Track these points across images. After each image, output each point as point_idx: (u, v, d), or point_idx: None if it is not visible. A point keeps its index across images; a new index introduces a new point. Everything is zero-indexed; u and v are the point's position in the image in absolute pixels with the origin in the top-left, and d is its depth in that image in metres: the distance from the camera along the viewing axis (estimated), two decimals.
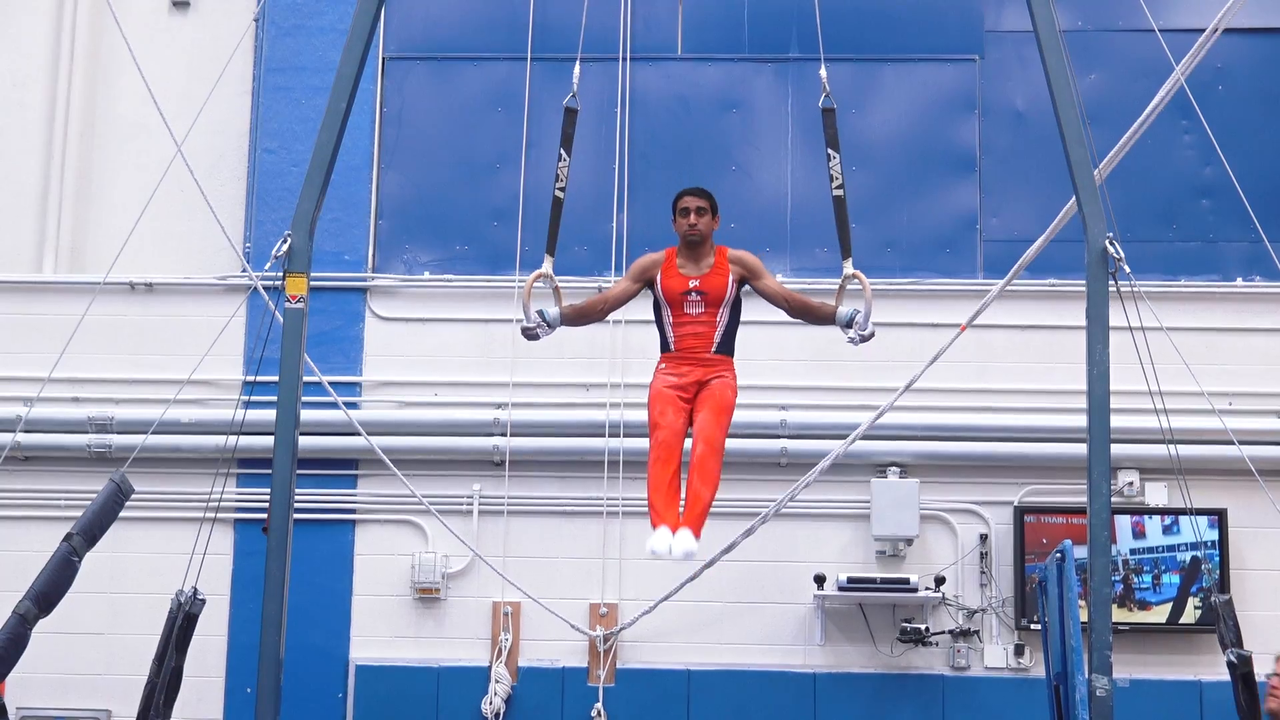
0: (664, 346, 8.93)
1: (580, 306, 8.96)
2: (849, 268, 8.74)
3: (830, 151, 8.81)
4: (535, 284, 8.72)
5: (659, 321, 8.92)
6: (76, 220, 13.29)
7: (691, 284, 8.77)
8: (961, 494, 12.56)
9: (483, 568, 12.43)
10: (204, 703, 12.21)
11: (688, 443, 8.80)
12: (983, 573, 12.42)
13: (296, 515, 8.61)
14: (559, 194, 8.81)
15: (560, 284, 8.96)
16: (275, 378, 8.55)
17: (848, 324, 8.66)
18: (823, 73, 8.82)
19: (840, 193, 8.76)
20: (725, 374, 8.87)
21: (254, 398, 9.45)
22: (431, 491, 12.33)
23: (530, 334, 8.70)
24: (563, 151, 8.86)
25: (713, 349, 8.84)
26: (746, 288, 8.94)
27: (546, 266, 8.74)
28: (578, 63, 8.83)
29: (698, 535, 8.49)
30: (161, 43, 13.35)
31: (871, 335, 8.65)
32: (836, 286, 8.85)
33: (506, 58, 13.22)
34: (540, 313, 8.65)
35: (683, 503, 8.60)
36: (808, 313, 8.95)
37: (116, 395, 12.79)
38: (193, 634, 8.32)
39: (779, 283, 8.99)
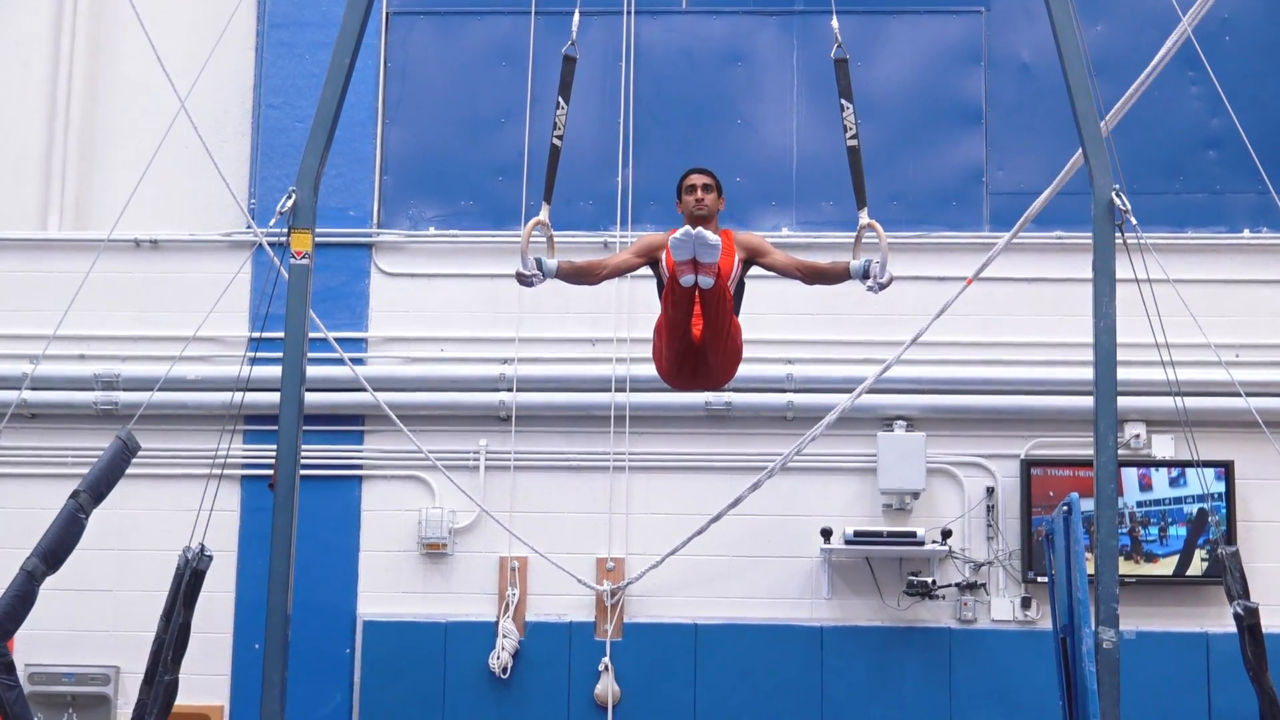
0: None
1: (579, 265, 8.83)
2: (865, 217, 8.64)
3: (844, 102, 8.72)
4: (533, 232, 8.62)
5: (662, 298, 8.82)
6: (81, 177, 13.28)
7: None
8: (968, 447, 12.56)
9: (489, 523, 12.45)
10: (212, 659, 12.25)
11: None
12: (989, 526, 12.43)
13: (303, 471, 8.62)
14: (556, 142, 8.74)
15: (565, 238, 8.96)
16: (281, 334, 8.55)
17: (864, 275, 8.57)
18: (835, 24, 8.75)
19: (855, 143, 8.70)
20: (733, 334, 8.81)
21: (260, 354, 9.45)
22: (438, 447, 12.34)
23: (525, 280, 8.55)
24: (561, 99, 8.78)
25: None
26: (753, 270, 8.86)
27: (543, 214, 8.66)
28: (576, 11, 8.78)
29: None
30: None
31: (890, 282, 8.54)
32: (841, 240, 8.88)
33: (510, 11, 13.17)
34: (538, 261, 8.56)
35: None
36: (821, 276, 8.81)
37: (122, 352, 12.81)
38: (200, 590, 8.32)
39: (786, 254, 8.88)
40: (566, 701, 12.38)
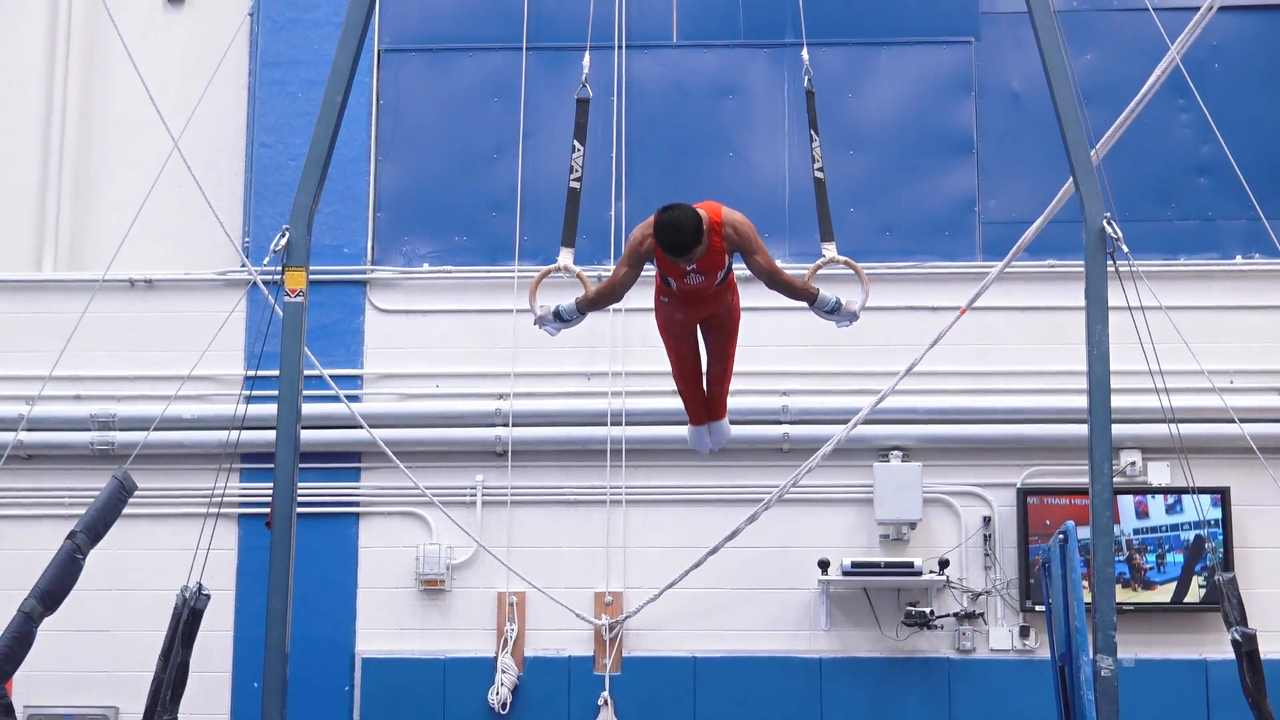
0: (665, 283, 8.83)
1: (591, 297, 8.86)
2: (831, 251, 8.85)
3: (812, 133, 8.88)
4: (549, 277, 8.80)
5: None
6: (75, 217, 13.30)
7: (688, 267, 8.53)
8: (964, 476, 12.57)
9: (487, 558, 12.44)
10: (210, 698, 12.22)
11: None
12: (986, 555, 12.43)
13: (300, 509, 8.62)
14: (575, 185, 8.83)
15: (559, 273, 9.01)
16: (276, 372, 8.56)
17: (830, 310, 8.74)
18: (805, 55, 8.85)
19: (821, 175, 8.81)
20: (729, 299, 8.95)
21: (255, 392, 9.44)
22: (435, 483, 12.33)
23: (545, 328, 8.87)
24: (576, 143, 8.87)
25: (712, 289, 8.79)
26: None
27: (565, 258, 8.78)
28: (587, 52, 8.86)
29: (725, 417, 9.62)
30: (157, 38, 13.35)
31: (856, 319, 8.81)
32: (834, 272, 8.93)
33: (502, 48, 13.20)
34: (557, 311, 8.72)
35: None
36: (788, 289, 8.78)
37: (118, 392, 12.81)
38: (198, 629, 8.33)
39: (769, 259, 8.72)
40: None
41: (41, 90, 13.51)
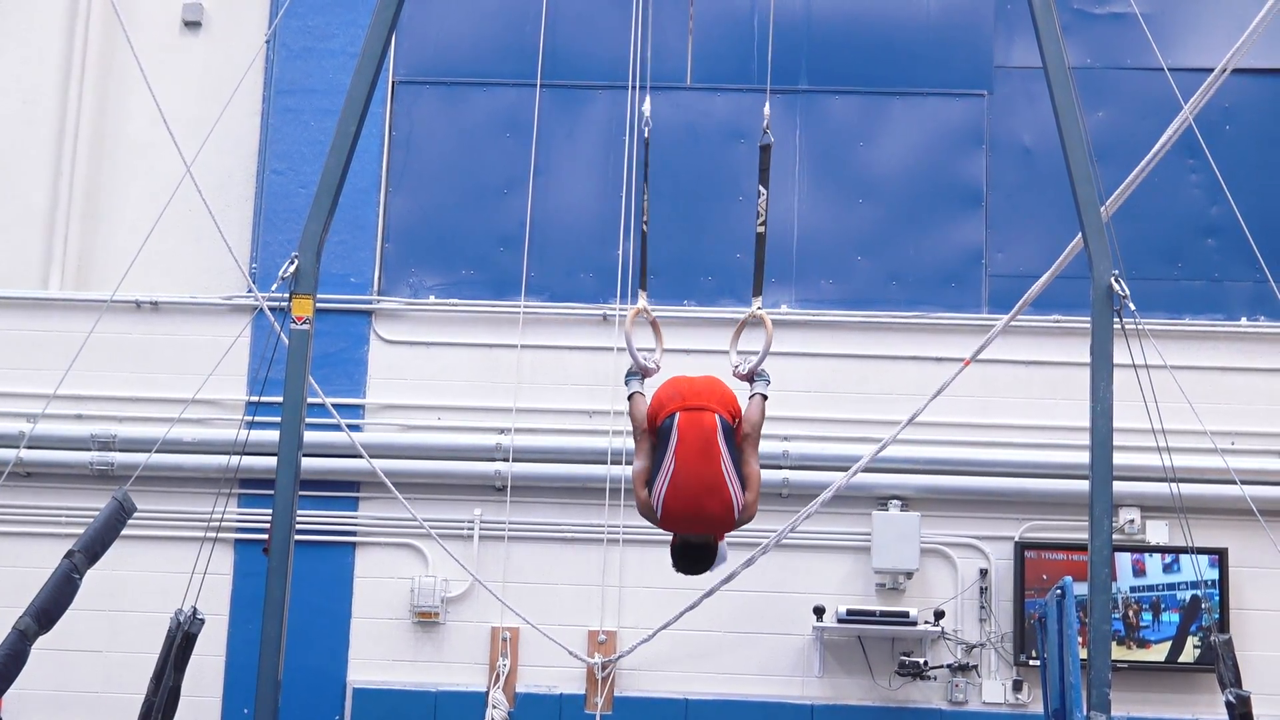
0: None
1: (635, 412, 8.54)
2: (757, 303, 8.84)
3: (761, 189, 8.93)
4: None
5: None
6: (83, 237, 13.30)
7: None
8: (962, 528, 12.56)
9: (482, 592, 12.42)
10: None
11: None
12: (982, 607, 12.41)
13: (297, 536, 8.59)
14: (644, 228, 8.91)
15: (564, 311, 9.02)
16: (279, 399, 8.55)
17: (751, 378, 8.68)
18: (766, 110, 8.90)
19: (762, 229, 8.87)
20: None
21: (257, 418, 9.44)
22: (432, 515, 12.33)
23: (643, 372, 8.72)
24: (644, 185, 8.97)
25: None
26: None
27: (642, 301, 8.82)
28: (648, 98, 8.94)
29: None
30: (172, 62, 13.35)
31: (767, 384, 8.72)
32: (840, 318, 8.99)
33: (516, 84, 13.22)
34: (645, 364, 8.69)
35: None
36: (760, 414, 8.57)
37: (120, 413, 12.80)
38: (191, 653, 8.32)
39: (747, 423, 8.49)
40: None
41: (55, 109, 13.53)
